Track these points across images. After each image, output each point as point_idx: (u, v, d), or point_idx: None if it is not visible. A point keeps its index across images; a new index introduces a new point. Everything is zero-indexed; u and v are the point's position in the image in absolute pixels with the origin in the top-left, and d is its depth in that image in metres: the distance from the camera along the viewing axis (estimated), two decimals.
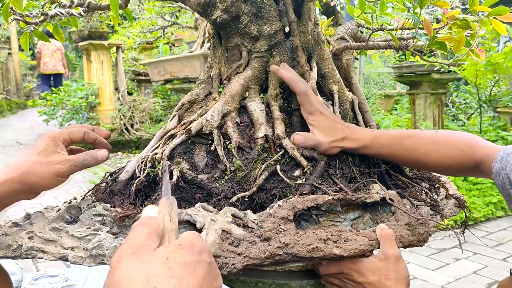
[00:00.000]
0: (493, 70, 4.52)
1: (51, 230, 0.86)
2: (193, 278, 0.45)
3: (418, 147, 0.96)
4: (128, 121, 8.38)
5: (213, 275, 0.48)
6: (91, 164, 0.90)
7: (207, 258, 0.48)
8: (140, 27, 8.30)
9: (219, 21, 0.98)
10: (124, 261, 0.45)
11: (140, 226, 0.49)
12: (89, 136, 0.94)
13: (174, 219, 0.55)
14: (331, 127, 0.94)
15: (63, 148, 0.89)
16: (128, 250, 0.46)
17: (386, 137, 0.96)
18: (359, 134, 0.96)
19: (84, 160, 0.89)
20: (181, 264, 0.46)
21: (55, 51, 11.51)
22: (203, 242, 0.50)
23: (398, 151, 0.96)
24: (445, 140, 0.96)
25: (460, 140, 0.96)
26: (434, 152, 0.95)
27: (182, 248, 0.47)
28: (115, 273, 0.44)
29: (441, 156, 0.95)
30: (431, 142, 0.96)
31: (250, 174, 0.93)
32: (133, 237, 0.48)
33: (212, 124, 0.97)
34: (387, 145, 0.95)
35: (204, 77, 1.09)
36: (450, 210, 1.03)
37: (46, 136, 0.90)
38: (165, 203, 0.56)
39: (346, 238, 0.81)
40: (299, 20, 1.02)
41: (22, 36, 1.16)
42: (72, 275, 1.84)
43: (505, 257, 3.48)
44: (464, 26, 1.06)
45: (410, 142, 0.96)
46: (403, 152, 0.96)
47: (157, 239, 0.49)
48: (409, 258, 3.42)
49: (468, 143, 0.94)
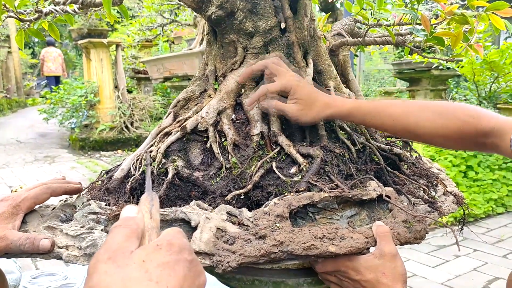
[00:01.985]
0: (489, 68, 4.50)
1: (45, 229, 0.86)
2: (172, 279, 0.44)
3: (406, 114, 0.90)
4: (128, 119, 8.38)
5: (194, 273, 0.47)
6: (28, 251, 0.80)
7: (187, 256, 0.47)
8: (139, 24, 8.28)
9: (214, 17, 0.97)
10: (99, 267, 0.43)
11: (117, 228, 0.48)
12: (57, 192, 0.91)
13: (155, 216, 0.53)
14: (311, 97, 0.92)
15: (20, 218, 0.85)
16: (104, 255, 0.44)
17: (370, 104, 0.92)
18: (340, 101, 0.93)
19: (20, 245, 0.80)
20: (159, 265, 0.44)
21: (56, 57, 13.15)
22: (183, 240, 0.48)
23: (384, 119, 0.91)
24: (439, 108, 0.89)
25: (459, 109, 0.89)
26: (425, 120, 0.89)
27: (160, 249, 0.46)
28: (91, 280, 0.43)
29: (435, 125, 0.88)
30: (420, 110, 0.90)
31: (246, 172, 0.92)
32: (109, 241, 0.46)
33: (208, 121, 0.97)
34: (372, 112, 0.91)
35: (199, 74, 1.08)
36: (448, 207, 1.02)
37: (9, 201, 0.85)
38: (146, 199, 0.54)
39: (342, 235, 0.80)
40: (295, 16, 1.01)
41: (16, 34, 1.15)
42: (71, 274, 1.83)
43: (505, 254, 3.48)
44: (462, 21, 1.05)
45: (397, 110, 0.91)
46: (391, 120, 0.91)
47: (136, 240, 0.47)
48: (408, 255, 3.42)
49: (470, 113, 0.87)
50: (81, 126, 8.47)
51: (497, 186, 4.47)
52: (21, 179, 6.10)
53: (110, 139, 8.16)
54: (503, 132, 0.84)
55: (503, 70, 4.45)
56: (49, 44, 13.20)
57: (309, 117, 0.92)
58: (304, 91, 0.92)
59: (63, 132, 9.41)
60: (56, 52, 13.25)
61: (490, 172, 4.53)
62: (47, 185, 0.91)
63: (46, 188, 0.90)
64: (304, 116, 0.92)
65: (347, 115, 0.93)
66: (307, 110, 0.91)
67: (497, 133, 0.85)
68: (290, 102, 0.92)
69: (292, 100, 0.92)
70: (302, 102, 0.91)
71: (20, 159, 7.50)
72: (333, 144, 0.98)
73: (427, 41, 1.06)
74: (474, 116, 0.87)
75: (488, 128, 0.85)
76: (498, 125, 0.85)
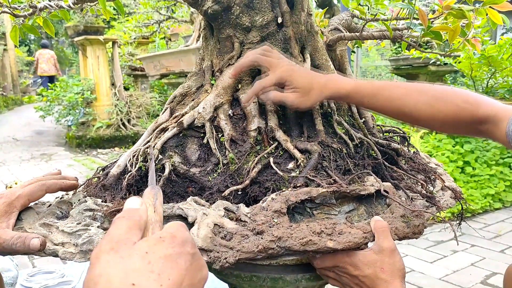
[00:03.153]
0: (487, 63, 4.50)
1: (41, 226, 0.85)
2: (174, 271, 0.44)
3: (404, 97, 0.89)
4: (125, 117, 8.35)
5: (196, 266, 0.46)
6: (20, 250, 0.80)
7: (190, 249, 0.47)
8: (136, 21, 8.25)
9: (210, 12, 0.96)
10: (102, 257, 0.43)
11: (120, 220, 0.48)
12: (52, 189, 0.91)
13: (159, 210, 0.53)
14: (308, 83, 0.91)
15: (14, 216, 0.85)
16: (106, 245, 0.44)
17: (369, 86, 0.92)
18: (338, 81, 0.92)
19: (12, 244, 0.80)
20: (162, 257, 0.44)
21: (49, 58, 14.06)
22: (186, 233, 0.48)
23: (382, 101, 0.90)
24: (438, 93, 0.89)
25: (457, 94, 0.89)
26: (423, 104, 0.88)
27: (163, 241, 0.46)
28: (93, 270, 0.43)
29: (432, 110, 0.88)
30: (420, 93, 0.90)
31: (243, 167, 0.91)
32: (112, 232, 0.46)
33: (204, 116, 0.96)
34: (370, 94, 0.91)
35: (196, 69, 1.08)
36: (446, 202, 1.02)
37: (3, 198, 0.84)
38: (150, 193, 0.54)
39: (340, 231, 0.79)
40: (292, 10, 1.00)
41: (11, 30, 1.14)
42: (68, 271, 1.83)
43: (502, 249, 3.49)
44: (460, 15, 1.05)
45: (395, 92, 0.90)
46: (389, 102, 0.90)
47: (139, 232, 0.47)
48: (406, 250, 3.43)
49: (468, 99, 0.87)
50: (77, 124, 8.44)
51: (494, 181, 4.48)
52: (18, 177, 6.08)
53: (107, 136, 8.13)
54: (499, 119, 0.84)
55: (500, 65, 4.45)
56: (43, 47, 14.26)
57: (309, 103, 0.91)
58: (300, 79, 0.91)
59: (60, 130, 9.38)
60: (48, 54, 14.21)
61: (488, 168, 4.54)
62: (42, 181, 0.90)
63: (41, 185, 0.89)
64: (303, 103, 0.91)
65: (346, 97, 0.92)
66: (306, 96, 0.90)
67: (492, 120, 0.85)
68: (288, 91, 0.91)
69: (290, 90, 0.91)
70: (300, 90, 0.90)
71: (17, 157, 7.48)
72: (331, 139, 0.97)
73: (425, 35, 1.05)
74: (472, 103, 0.87)
75: (484, 115, 0.85)
76: (494, 112, 0.85)
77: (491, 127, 0.85)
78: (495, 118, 0.84)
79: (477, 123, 0.87)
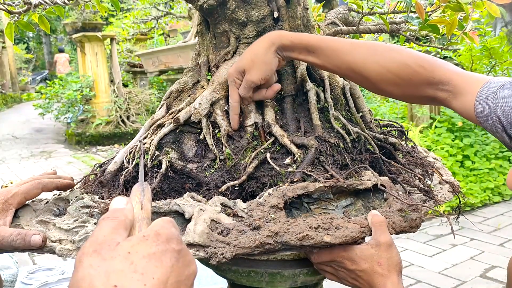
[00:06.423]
0: (488, 55, 4.49)
1: (38, 223, 0.85)
2: (159, 270, 0.43)
3: (353, 52, 0.85)
4: (124, 113, 8.35)
5: (183, 263, 0.45)
6: (20, 247, 0.79)
7: (175, 246, 0.46)
8: (134, 17, 8.22)
9: (205, 6, 0.96)
10: (85, 260, 0.43)
11: (105, 221, 0.47)
12: (48, 187, 0.90)
13: (146, 206, 0.52)
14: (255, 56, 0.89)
15: (11, 214, 0.84)
16: (89, 248, 0.44)
17: (315, 37, 0.89)
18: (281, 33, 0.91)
19: (12, 241, 0.79)
20: (145, 256, 0.43)
21: (64, 61, 16.47)
22: (171, 230, 0.47)
23: (329, 53, 0.86)
24: (390, 53, 0.84)
25: (412, 57, 0.83)
26: (373, 62, 0.84)
27: (146, 239, 0.45)
28: (76, 273, 0.42)
29: (383, 70, 0.83)
30: (369, 50, 0.85)
31: (240, 163, 0.91)
32: (96, 234, 0.45)
33: (201, 112, 0.96)
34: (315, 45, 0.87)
35: (192, 65, 1.07)
36: (443, 196, 1.02)
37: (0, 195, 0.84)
38: (137, 190, 0.54)
39: (337, 225, 0.79)
40: (288, 4, 1.00)
41: (6, 27, 1.13)
42: (69, 268, 1.83)
43: (502, 242, 3.50)
44: (457, 8, 1.04)
45: (344, 46, 0.86)
46: (335, 56, 0.86)
47: (124, 232, 0.46)
48: (405, 245, 3.43)
49: (422, 63, 0.82)
50: (77, 121, 8.44)
51: (493, 175, 4.48)
52: (18, 174, 6.08)
53: (106, 133, 8.13)
54: (461, 92, 0.80)
55: (501, 57, 4.44)
56: (60, 51, 17.22)
57: (268, 69, 0.89)
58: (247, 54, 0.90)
59: (59, 127, 9.38)
60: (64, 57, 16.73)
61: (487, 161, 4.54)
62: (38, 180, 0.90)
63: (37, 183, 0.89)
64: (264, 72, 0.89)
65: (291, 47, 0.88)
66: (262, 67, 0.89)
67: (453, 89, 0.81)
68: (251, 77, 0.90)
69: (249, 74, 0.90)
70: (255, 66, 0.89)
71: (16, 155, 7.48)
72: (328, 134, 0.97)
73: (422, 29, 1.05)
74: (427, 68, 0.82)
75: (442, 81, 0.82)
76: (456, 82, 0.81)
77: (449, 96, 0.82)
78: (457, 89, 0.80)
79: (433, 89, 0.83)
